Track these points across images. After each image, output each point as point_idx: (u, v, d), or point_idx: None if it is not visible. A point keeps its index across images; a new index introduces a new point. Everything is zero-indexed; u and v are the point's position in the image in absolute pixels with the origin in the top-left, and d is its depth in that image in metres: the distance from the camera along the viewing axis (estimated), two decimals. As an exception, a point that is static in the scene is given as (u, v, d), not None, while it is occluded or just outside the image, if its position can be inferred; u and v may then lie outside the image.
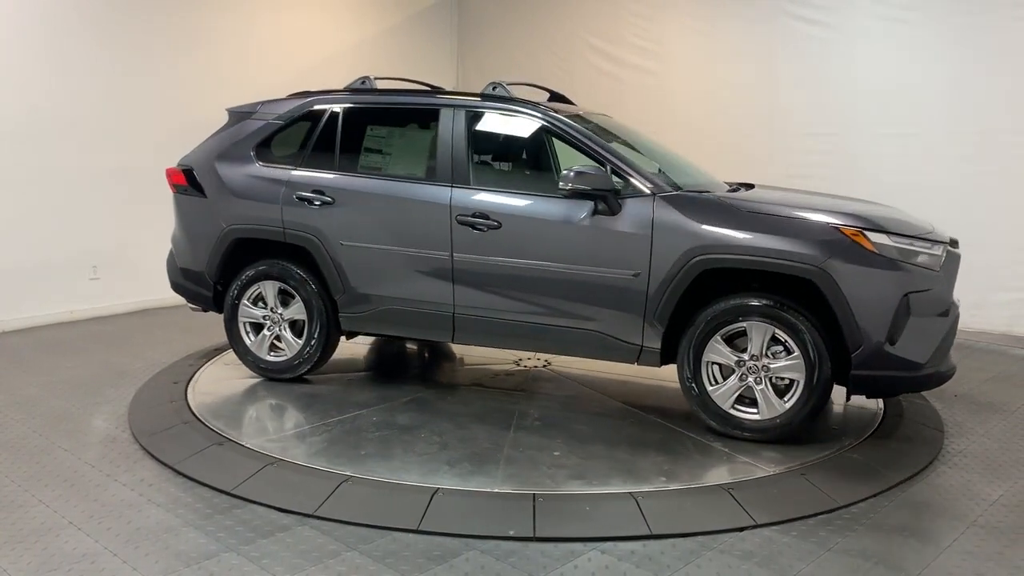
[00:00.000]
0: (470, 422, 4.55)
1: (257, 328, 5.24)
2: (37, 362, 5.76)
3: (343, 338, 5.27)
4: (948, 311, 4.22)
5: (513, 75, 8.75)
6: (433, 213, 4.68)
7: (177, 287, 5.57)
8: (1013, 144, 6.44)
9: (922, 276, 4.07)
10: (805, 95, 7.42)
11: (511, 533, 3.35)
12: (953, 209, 6.57)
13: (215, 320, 6.89)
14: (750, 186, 5.05)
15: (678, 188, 4.44)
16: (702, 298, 4.29)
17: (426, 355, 6.08)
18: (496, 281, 4.62)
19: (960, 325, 4.53)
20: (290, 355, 5.14)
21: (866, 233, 4.03)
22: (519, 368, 5.60)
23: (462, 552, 3.22)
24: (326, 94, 5.24)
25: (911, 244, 4.10)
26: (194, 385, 5.12)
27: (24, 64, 6.58)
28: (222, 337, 6.13)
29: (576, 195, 4.36)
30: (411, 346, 6.22)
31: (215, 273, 5.27)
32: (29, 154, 6.65)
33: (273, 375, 5.21)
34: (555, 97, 5.63)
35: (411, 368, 5.85)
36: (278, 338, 5.20)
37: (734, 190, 4.77)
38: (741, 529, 3.42)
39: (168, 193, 7.38)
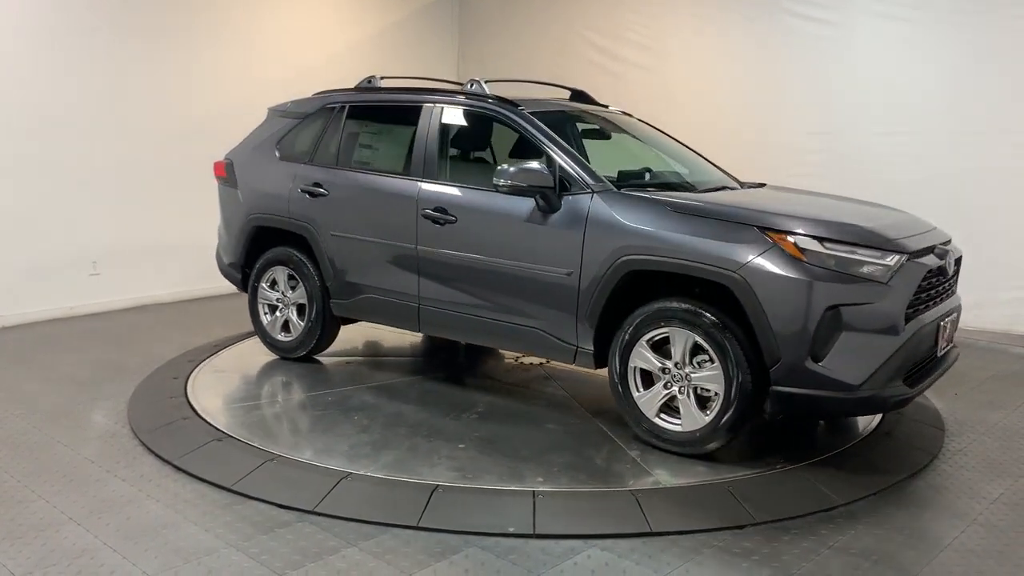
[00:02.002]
0: (414, 411, 4.67)
1: (275, 310, 5.64)
2: (37, 358, 5.75)
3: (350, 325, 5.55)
4: (897, 328, 3.71)
5: (513, 72, 8.73)
6: (404, 207, 4.86)
7: (221, 270, 6.05)
8: (1013, 143, 6.43)
9: (860, 288, 3.66)
10: (805, 93, 7.41)
11: (511, 530, 3.34)
12: (953, 207, 6.56)
13: (214, 317, 6.93)
14: (762, 185, 5.05)
15: (625, 187, 4.33)
16: (641, 300, 4.11)
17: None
18: (453, 274, 4.73)
19: (960, 323, 4.47)
20: (295, 336, 5.49)
21: (793, 238, 3.73)
22: (516, 364, 5.60)
23: (462, 548, 3.21)
24: (337, 93, 5.61)
25: (852, 252, 3.72)
26: (193, 381, 5.11)
27: (25, 60, 6.56)
28: (221, 333, 6.24)
29: (512, 192, 4.34)
30: None
31: (241, 258, 5.75)
32: (29, 149, 6.62)
33: (282, 354, 5.62)
34: (576, 95, 5.61)
35: (435, 357, 5.89)
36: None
37: (714, 190, 4.70)
38: (741, 527, 3.41)
39: (168, 189, 7.51)
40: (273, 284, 5.59)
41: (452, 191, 4.73)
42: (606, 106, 5.57)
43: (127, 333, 6.48)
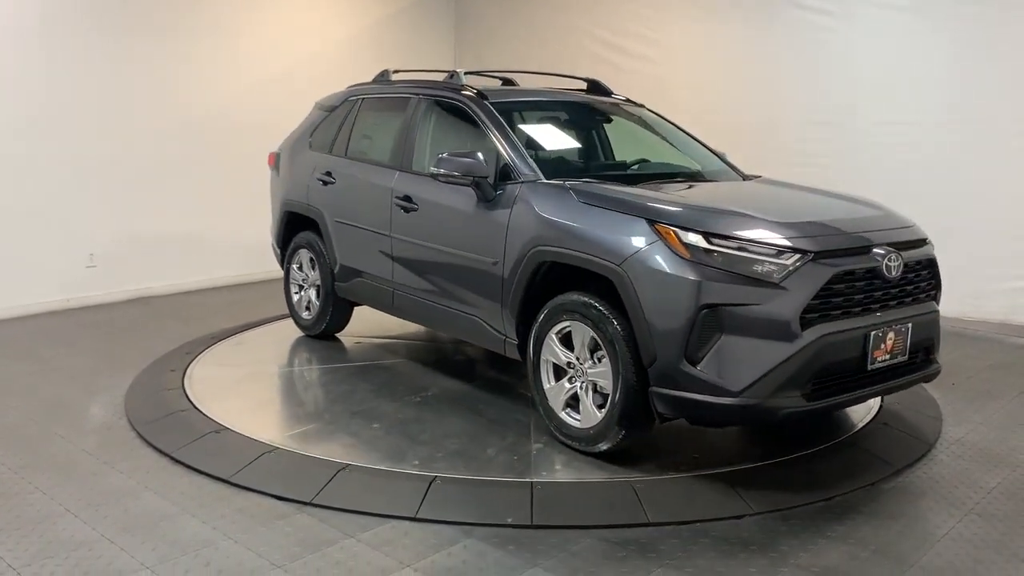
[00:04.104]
0: (367, 390, 4.85)
1: (301, 289, 6.00)
2: (33, 350, 5.74)
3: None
4: (789, 333, 3.40)
5: (511, 64, 8.70)
6: (384, 195, 5.03)
7: (275, 254, 6.37)
8: (1012, 133, 6.41)
9: (746, 288, 3.40)
10: (806, 84, 7.38)
11: (509, 520, 3.35)
12: (952, 197, 6.57)
13: (211, 309, 6.93)
14: (756, 178, 5.04)
15: (558, 177, 4.24)
16: (562, 292, 4.03)
17: None
18: (416, 261, 4.88)
19: (958, 314, 4.41)
20: (312, 315, 5.87)
21: (678, 232, 3.54)
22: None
23: (460, 539, 3.22)
24: (358, 86, 5.86)
25: (742, 250, 3.47)
26: (191, 373, 5.10)
27: (23, 54, 6.53)
28: (218, 325, 6.26)
29: (449, 181, 4.39)
30: None
31: (279, 240, 6.13)
32: (26, 142, 6.59)
33: (305, 331, 5.99)
34: (593, 87, 5.58)
35: (447, 345, 5.92)
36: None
37: (684, 181, 4.68)
38: (739, 517, 3.42)
39: (165, 182, 7.57)
40: (301, 266, 5.95)
41: (418, 180, 4.83)
42: (618, 96, 5.52)
43: (124, 326, 6.47)
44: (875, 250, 3.69)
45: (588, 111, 5.37)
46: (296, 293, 6.02)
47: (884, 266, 3.67)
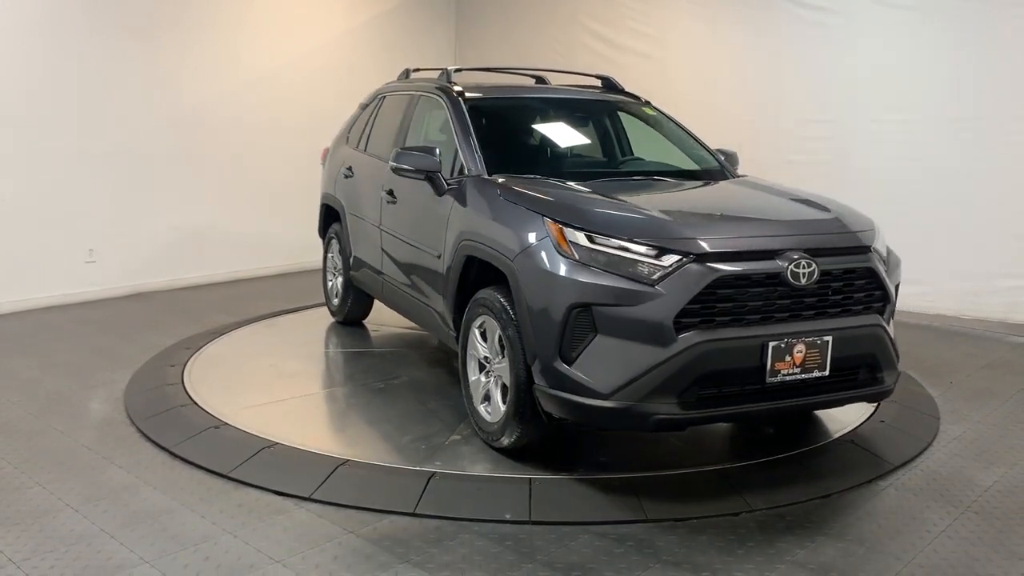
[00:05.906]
0: (342, 374, 5.20)
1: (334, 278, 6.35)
2: (33, 345, 5.75)
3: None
4: (662, 338, 3.26)
5: (509, 60, 8.70)
6: (378, 189, 5.25)
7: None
8: (1011, 131, 6.41)
9: (619, 289, 3.30)
10: (804, 81, 7.38)
11: (507, 516, 3.36)
12: (951, 196, 6.57)
13: (210, 304, 6.93)
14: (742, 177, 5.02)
15: (502, 172, 4.23)
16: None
17: None
18: (394, 252, 5.07)
19: (957, 312, 4.39)
20: (337, 301, 6.24)
21: (564, 229, 3.50)
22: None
23: (458, 535, 3.22)
24: (386, 85, 6.05)
25: (622, 249, 3.38)
26: (190, 368, 5.11)
27: (22, 48, 6.53)
28: (217, 321, 6.27)
29: (404, 174, 4.47)
30: None
31: (320, 231, 6.48)
32: (26, 137, 6.60)
33: (333, 317, 6.34)
34: (607, 85, 5.55)
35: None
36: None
37: (647, 179, 4.66)
38: (736, 514, 3.43)
39: (164, 177, 7.57)
40: (332, 256, 6.28)
41: (399, 175, 4.80)
42: (629, 94, 5.48)
43: (123, 321, 6.47)
44: (788, 254, 3.43)
45: (584, 110, 5.35)
46: (329, 281, 6.37)
47: (789, 272, 3.40)
